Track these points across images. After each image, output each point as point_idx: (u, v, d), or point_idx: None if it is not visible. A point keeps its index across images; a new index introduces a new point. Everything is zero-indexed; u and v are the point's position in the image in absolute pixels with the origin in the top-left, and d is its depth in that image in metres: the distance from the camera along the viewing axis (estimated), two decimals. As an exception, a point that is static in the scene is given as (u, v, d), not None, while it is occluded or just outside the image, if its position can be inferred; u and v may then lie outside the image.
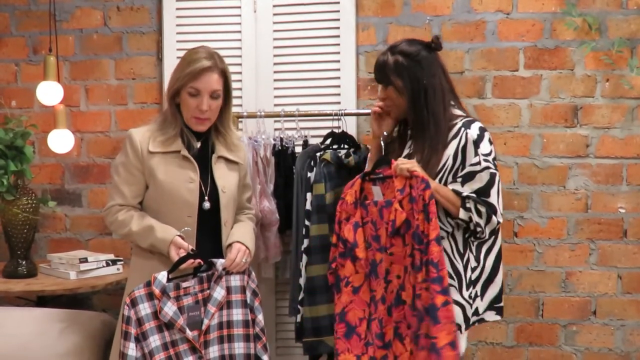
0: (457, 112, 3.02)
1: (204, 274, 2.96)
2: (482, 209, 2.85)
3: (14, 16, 4.31)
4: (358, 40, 4.03)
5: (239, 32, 4.07)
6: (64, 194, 4.26)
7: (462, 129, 2.93)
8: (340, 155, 3.60)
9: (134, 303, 2.86)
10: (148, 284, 2.87)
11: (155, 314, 2.86)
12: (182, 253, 2.90)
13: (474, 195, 2.86)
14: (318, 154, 3.61)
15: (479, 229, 2.89)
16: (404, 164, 2.86)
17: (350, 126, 3.85)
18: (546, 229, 3.95)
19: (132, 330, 2.85)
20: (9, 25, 4.32)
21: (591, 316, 3.95)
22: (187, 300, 2.92)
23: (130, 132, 3.09)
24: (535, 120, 3.93)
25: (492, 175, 2.89)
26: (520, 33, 3.92)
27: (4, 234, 3.84)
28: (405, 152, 3.08)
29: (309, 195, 3.57)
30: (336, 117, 3.73)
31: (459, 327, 2.93)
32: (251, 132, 3.80)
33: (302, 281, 3.57)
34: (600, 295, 3.94)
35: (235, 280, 3.02)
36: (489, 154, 2.92)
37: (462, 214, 2.87)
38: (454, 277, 2.94)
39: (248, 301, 3.03)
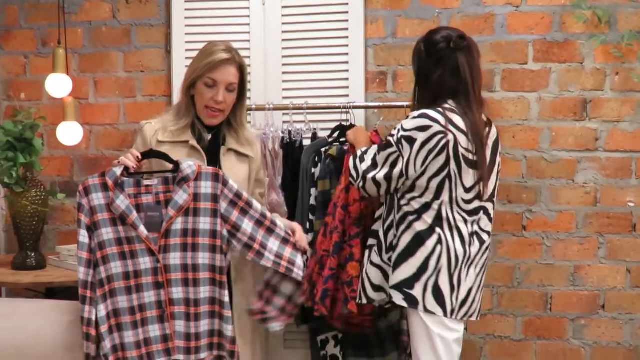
0: (446, 105, 2.98)
1: (170, 175, 2.88)
2: (351, 162, 3.12)
3: (23, 9, 4.31)
4: (367, 33, 4.02)
5: (248, 24, 4.07)
6: (72, 187, 4.26)
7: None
8: (346, 149, 3.60)
9: (87, 191, 2.83)
10: (103, 175, 2.83)
11: (109, 206, 2.82)
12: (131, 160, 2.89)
13: (360, 152, 3.14)
14: (323, 149, 3.61)
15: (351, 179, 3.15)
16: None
17: (358, 119, 3.85)
18: (555, 222, 3.94)
19: (83, 218, 2.83)
20: (18, 17, 4.32)
21: (600, 310, 3.94)
22: (147, 199, 2.85)
23: (142, 124, 3.13)
24: (544, 113, 3.92)
25: (387, 142, 3.01)
26: (529, 26, 3.91)
27: (13, 226, 3.85)
28: None
29: (313, 190, 3.57)
30: (344, 110, 3.73)
31: (380, 288, 3.11)
32: (260, 125, 3.80)
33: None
34: (609, 289, 3.93)
35: (206, 188, 2.87)
36: (399, 130, 2.97)
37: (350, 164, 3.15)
38: (374, 237, 3.15)
39: (222, 211, 2.88)
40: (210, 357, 2.95)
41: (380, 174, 3.00)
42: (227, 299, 2.89)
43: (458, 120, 2.93)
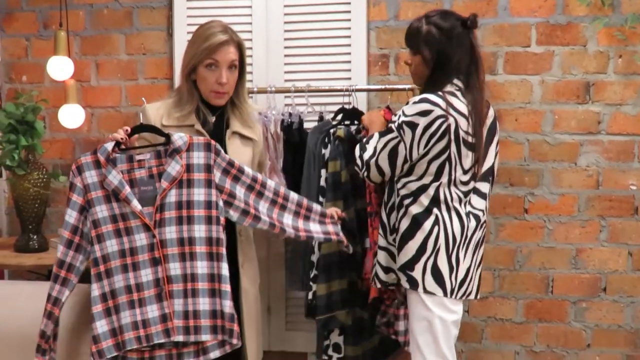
0: (448, 87, 3.01)
1: (162, 148, 2.87)
2: (357, 152, 3.14)
3: (25, -9, 4.31)
4: (369, 16, 4.01)
5: (250, 7, 4.05)
6: (74, 169, 4.27)
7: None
8: (352, 131, 3.60)
9: (79, 170, 2.81)
10: (95, 152, 2.82)
11: (102, 184, 2.80)
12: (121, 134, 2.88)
13: (361, 142, 3.16)
14: (332, 131, 3.61)
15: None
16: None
17: (360, 102, 3.85)
18: (557, 205, 3.94)
19: (74, 197, 2.81)
20: (19, 0, 4.31)
21: (601, 293, 3.95)
22: (140, 174, 2.83)
23: (145, 106, 3.11)
24: (546, 96, 3.91)
25: (387, 129, 3.02)
26: (532, 9, 3.89)
27: (15, 208, 3.85)
28: None
29: (323, 171, 3.57)
30: (347, 93, 3.72)
31: (389, 269, 3.15)
32: (261, 107, 3.79)
33: (314, 258, 3.57)
34: (611, 272, 3.93)
35: (198, 158, 2.85)
36: (400, 115, 2.98)
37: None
38: (379, 220, 3.20)
39: (217, 181, 2.87)
40: (214, 341, 2.92)
41: (381, 159, 3.02)
42: (225, 272, 2.86)
43: (458, 103, 2.94)
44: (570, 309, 3.98)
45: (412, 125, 2.92)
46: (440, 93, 2.94)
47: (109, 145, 2.81)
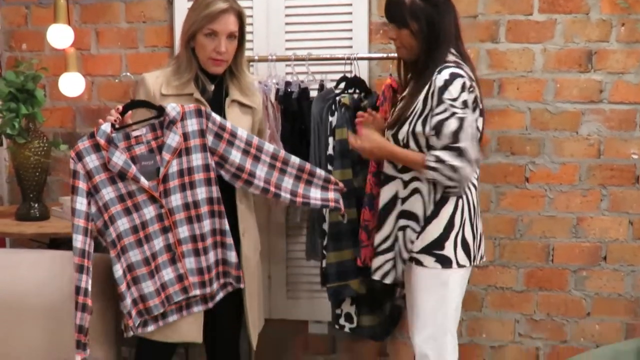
0: (450, 57, 2.98)
1: (156, 121, 2.90)
2: (449, 165, 2.85)
3: (24, -42, 4.28)
4: (370, -17, 3.98)
5: (251, -26, 4.03)
6: (75, 138, 4.25)
7: (435, 74, 2.91)
8: (356, 99, 3.60)
9: (79, 156, 2.83)
10: (92, 136, 2.82)
11: (105, 166, 2.82)
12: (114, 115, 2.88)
13: (438, 154, 2.87)
14: (337, 98, 3.59)
15: (452, 184, 2.92)
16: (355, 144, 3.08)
17: (362, 70, 3.83)
18: (558, 174, 3.94)
19: (81, 184, 2.82)
20: (18, -33, 4.29)
21: (601, 262, 3.96)
22: (140, 149, 2.87)
23: (144, 76, 3.13)
24: (548, 65, 3.89)
25: (460, 120, 2.86)
26: (534, -24, 3.87)
27: (16, 177, 3.85)
28: (405, 93, 3.12)
29: (330, 139, 3.56)
30: (348, 62, 3.71)
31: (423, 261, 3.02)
32: (262, 76, 3.78)
33: (325, 227, 3.58)
34: (611, 241, 3.94)
35: (192, 125, 2.91)
36: (455, 99, 2.87)
37: (426, 174, 2.91)
38: (424, 224, 3.01)
39: (210, 144, 2.94)
40: (218, 286, 3.05)
41: (475, 150, 2.93)
42: (226, 227, 2.98)
43: (471, 72, 2.95)
44: (571, 278, 3.99)
45: (466, 104, 2.88)
46: (457, 65, 2.92)
47: (107, 127, 2.82)
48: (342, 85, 3.69)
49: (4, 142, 3.82)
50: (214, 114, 2.95)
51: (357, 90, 3.69)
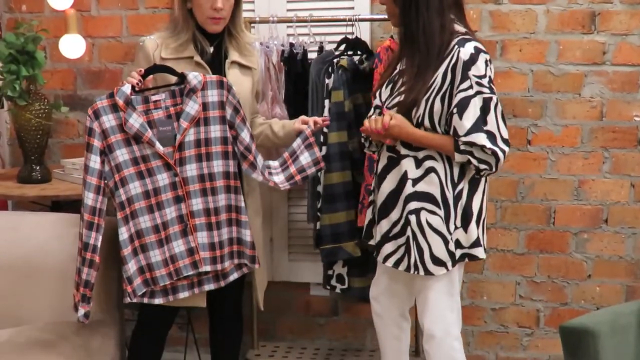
0: (459, 28, 2.82)
1: (176, 88, 2.89)
2: (482, 150, 2.71)
3: None
4: (373, -57, 3.94)
5: None
6: (76, 100, 4.25)
7: (456, 47, 2.73)
8: (355, 61, 3.58)
9: (97, 114, 2.82)
10: (111, 95, 2.82)
11: (121, 127, 2.82)
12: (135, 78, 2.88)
13: (469, 139, 2.70)
14: (335, 60, 3.58)
15: (483, 167, 2.74)
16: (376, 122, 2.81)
17: (364, 32, 3.81)
18: (560, 137, 3.93)
19: (95, 142, 2.82)
20: None
21: (603, 224, 3.96)
22: (158, 114, 2.86)
23: (142, 40, 3.09)
24: (551, 26, 3.86)
25: (486, 101, 2.70)
26: (538, -64, 3.83)
27: (17, 139, 3.84)
28: (397, 70, 2.95)
29: (326, 102, 3.55)
30: (350, 23, 3.68)
31: (441, 263, 2.82)
32: (263, 37, 3.76)
33: (320, 189, 3.59)
34: (613, 203, 3.94)
35: (212, 96, 2.90)
36: (482, 77, 2.71)
37: (458, 158, 2.76)
38: (441, 206, 2.81)
39: (228, 117, 2.93)
40: (232, 265, 3.04)
41: (505, 129, 2.78)
42: (242, 203, 2.97)
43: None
44: (572, 240, 4.00)
45: (492, 81, 2.76)
46: (470, 36, 2.79)
47: (127, 89, 2.81)
48: (342, 47, 3.67)
49: (5, 105, 3.80)
50: (234, 88, 2.94)
51: (359, 52, 3.67)
